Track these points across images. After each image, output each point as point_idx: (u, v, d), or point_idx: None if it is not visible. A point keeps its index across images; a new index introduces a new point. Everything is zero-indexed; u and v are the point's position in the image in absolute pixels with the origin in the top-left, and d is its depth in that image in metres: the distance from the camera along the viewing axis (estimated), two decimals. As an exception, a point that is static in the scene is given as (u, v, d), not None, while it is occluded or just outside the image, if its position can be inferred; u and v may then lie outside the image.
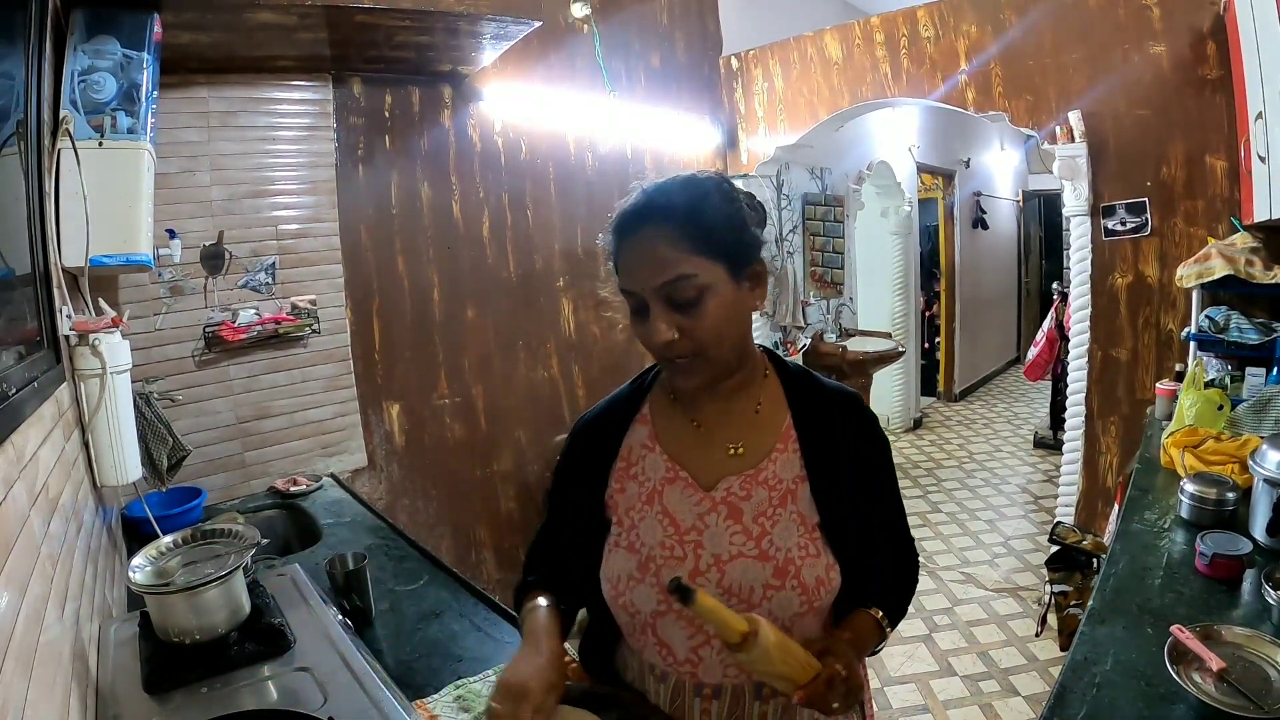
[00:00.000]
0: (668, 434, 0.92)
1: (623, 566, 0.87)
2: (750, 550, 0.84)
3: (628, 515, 0.89)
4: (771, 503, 0.86)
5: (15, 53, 1.08)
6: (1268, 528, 1.38)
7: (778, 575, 0.83)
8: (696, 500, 0.87)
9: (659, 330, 0.80)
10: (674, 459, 0.90)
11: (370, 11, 1.98)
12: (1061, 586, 2.23)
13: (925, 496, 4.35)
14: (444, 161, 2.79)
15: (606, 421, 0.95)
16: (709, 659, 0.85)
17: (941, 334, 6.42)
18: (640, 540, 0.87)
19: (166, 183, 2.06)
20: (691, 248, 0.80)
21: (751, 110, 3.82)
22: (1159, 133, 2.66)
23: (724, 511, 0.86)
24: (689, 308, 0.80)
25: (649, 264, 0.81)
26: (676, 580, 0.72)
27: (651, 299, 0.81)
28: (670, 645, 0.87)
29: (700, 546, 0.85)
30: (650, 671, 0.90)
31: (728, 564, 0.84)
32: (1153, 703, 0.98)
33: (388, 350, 2.67)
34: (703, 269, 0.80)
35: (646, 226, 0.82)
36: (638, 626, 0.88)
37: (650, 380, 0.97)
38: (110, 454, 1.47)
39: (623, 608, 0.88)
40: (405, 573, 1.68)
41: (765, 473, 0.88)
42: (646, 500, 0.89)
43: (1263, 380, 2.24)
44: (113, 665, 1.04)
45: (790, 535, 0.85)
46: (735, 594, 0.83)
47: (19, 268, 1.04)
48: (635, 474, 0.91)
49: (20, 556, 0.78)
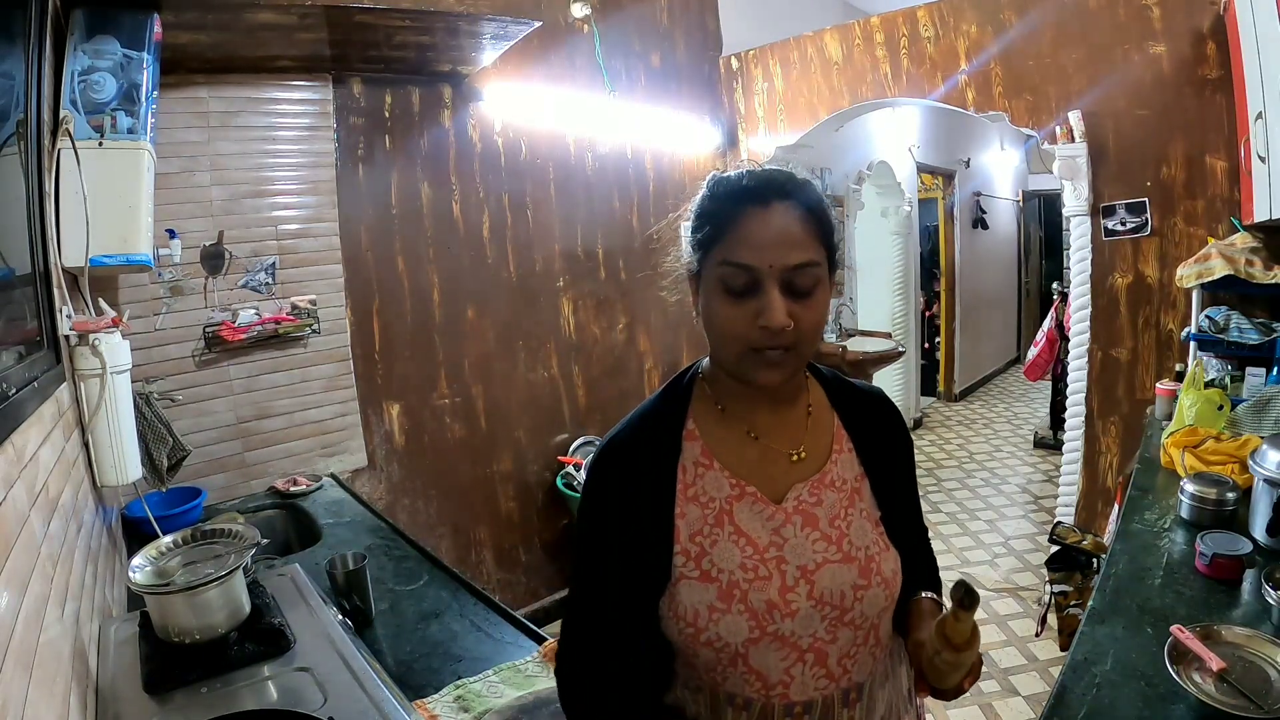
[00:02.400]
0: (723, 448, 0.84)
1: (700, 598, 0.78)
2: (834, 555, 0.81)
3: (693, 542, 0.80)
4: (842, 504, 0.84)
5: (15, 53, 1.08)
6: (1268, 528, 1.38)
7: (863, 575, 0.81)
8: (769, 515, 0.82)
9: (777, 314, 0.74)
10: (735, 474, 0.83)
11: (370, 11, 1.98)
12: (1061, 586, 2.23)
13: (925, 496, 4.35)
14: (444, 162, 2.79)
15: (644, 442, 0.84)
16: (801, 676, 0.80)
17: (941, 334, 6.42)
18: (716, 566, 0.79)
19: (166, 183, 2.06)
20: (819, 235, 0.78)
21: (751, 110, 3.82)
22: (1159, 133, 2.66)
23: (799, 521, 0.82)
24: (804, 296, 0.76)
25: (784, 241, 0.75)
26: (964, 584, 0.71)
27: (771, 279, 0.75)
28: (763, 672, 0.80)
29: (784, 561, 0.80)
30: (730, 703, 0.81)
31: (815, 573, 0.80)
32: (1153, 703, 0.98)
33: (388, 350, 2.67)
34: (823, 261, 0.78)
35: (785, 201, 0.77)
36: (725, 660, 0.79)
37: (685, 389, 0.88)
38: (110, 454, 1.47)
39: (706, 644, 0.78)
40: (405, 573, 1.68)
41: (830, 475, 0.85)
42: (715, 523, 0.81)
43: (1263, 380, 2.24)
44: (113, 665, 1.04)
45: (865, 533, 0.83)
46: (827, 601, 0.79)
47: (19, 268, 1.05)
48: (695, 495, 0.82)
49: (20, 556, 0.78)
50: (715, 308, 0.78)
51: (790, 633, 0.79)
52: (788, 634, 0.78)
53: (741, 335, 0.76)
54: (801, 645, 0.79)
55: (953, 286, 6.34)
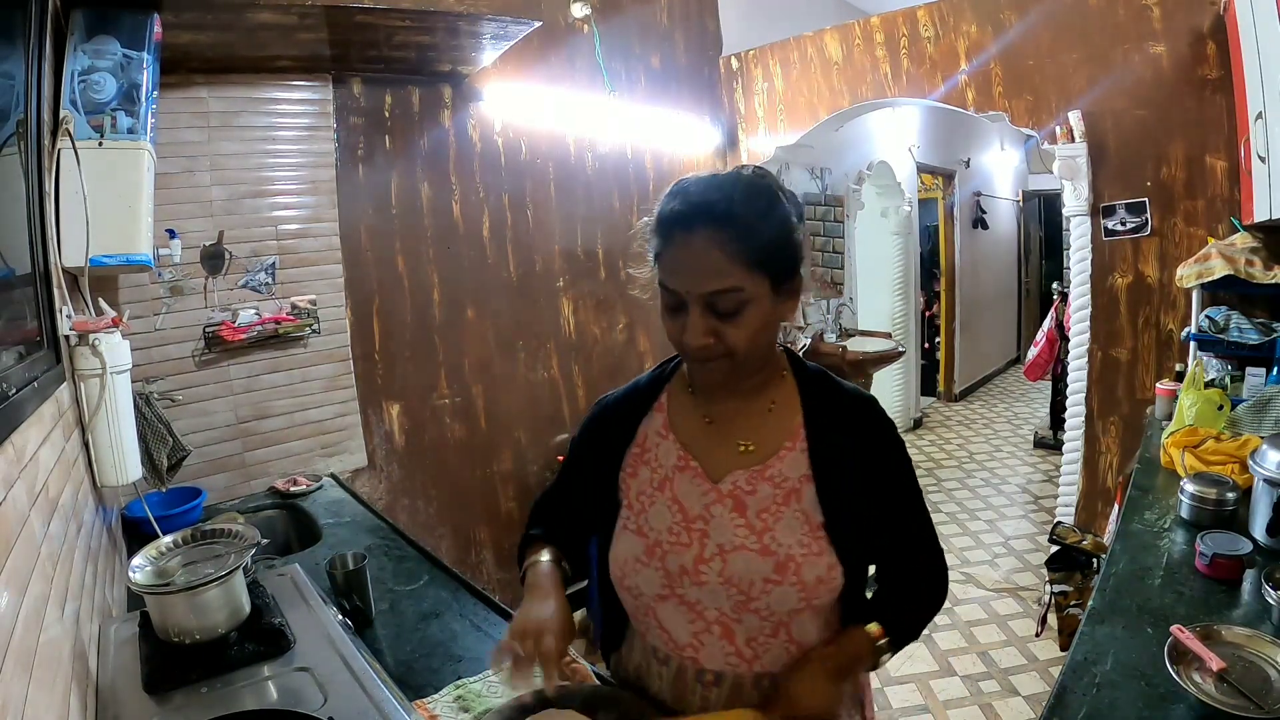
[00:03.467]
0: (682, 424, 0.94)
1: (630, 549, 0.90)
2: (752, 544, 0.85)
3: (638, 499, 0.92)
4: (776, 500, 0.87)
5: (15, 53, 1.08)
6: (1268, 528, 1.38)
7: (778, 570, 0.84)
8: (704, 490, 0.89)
9: (695, 335, 0.81)
10: (686, 448, 0.92)
11: (370, 11, 1.98)
12: (1061, 586, 2.23)
13: (925, 496, 4.34)
14: (444, 161, 2.78)
15: (626, 405, 0.98)
16: (710, 645, 0.88)
17: (941, 334, 6.42)
18: (649, 525, 0.90)
19: (166, 183, 2.06)
20: (745, 260, 0.79)
21: (751, 110, 3.81)
22: (1159, 133, 2.66)
23: (730, 504, 0.88)
24: (729, 317, 0.81)
25: (699, 270, 0.79)
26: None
27: (692, 302, 0.81)
28: (671, 630, 0.90)
29: (706, 535, 0.87)
30: (654, 655, 0.93)
31: (730, 554, 0.86)
32: (1153, 703, 0.98)
33: (388, 350, 2.67)
34: (750, 283, 0.80)
35: (703, 229, 0.79)
36: (641, 609, 0.92)
37: (670, 370, 0.99)
38: (110, 454, 1.47)
39: (628, 590, 0.91)
40: (405, 573, 1.68)
41: (771, 470, 0.89)
42: (658, 486, 0.91)
43: (1263, 380, 2.24)
44: (113, 665, 1.04)
45: (792, 533, 0.85)
46: (735, 584, 0.85)
47: (19, 268, 1.04)
48: (649, 459, 0.94)
49: (20, 556, 0.78)
50: (662, 318, 0.86)
51: (697, 600, 0.87)
52: (694, 601, 0.87)
53: (678, 344, 0.85)
54: (708, 616, 0.87)
55: (953, 286, 6.34)
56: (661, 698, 0.92)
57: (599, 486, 0.96)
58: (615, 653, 1.02)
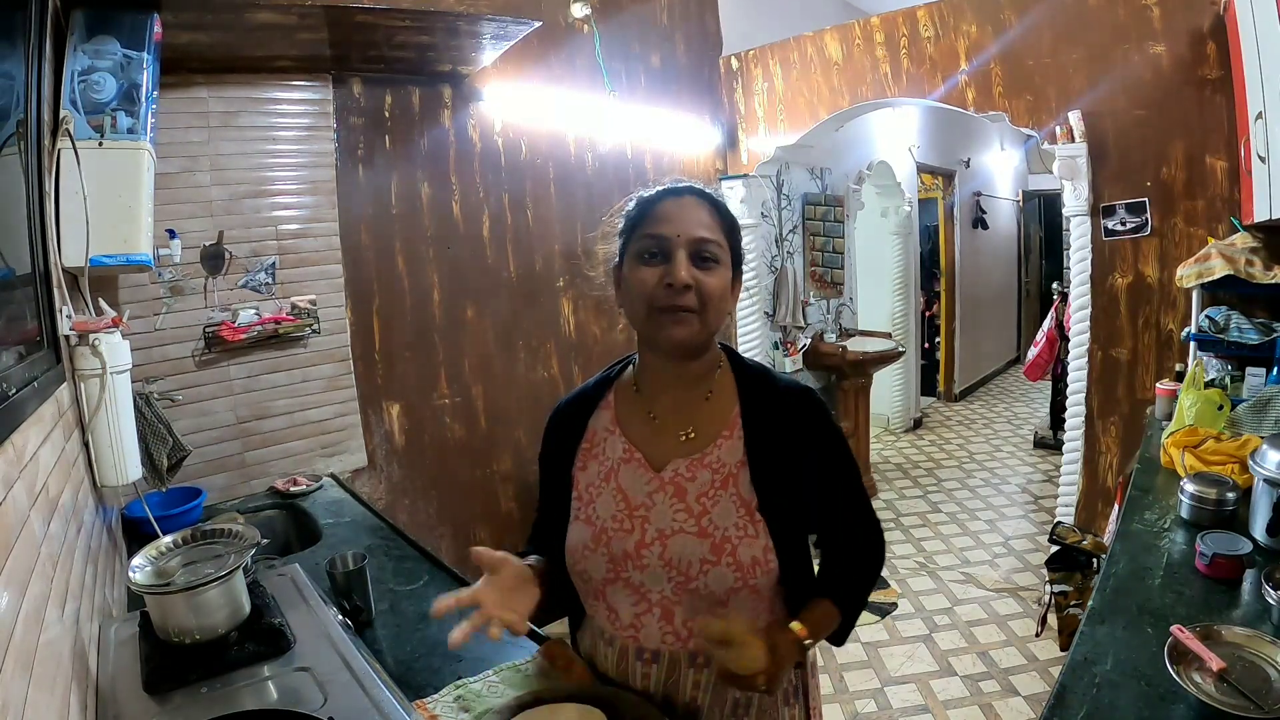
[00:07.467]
0: (629, 420, 1.00)
1: (580, 537, 0.96)
2: (690, 527, 0.92)
3: (587, 491, 0.98)
4: (714, 485, 0.93)
5: (15, 53, 1.08)
6: (1268, 528, 1.38)
7: (714, 551, 0.90)
8: (647, 479, 0.95)
9: (680, 270, 0.88)
10: (631, 441, 0.98)
11: (370, 11, 1.98)
12: (1061, 586, 2.23)
13: (925, 496, 4.35)
14: (444, 161, 2.78)
15: (577, 406, 1.05)
16: (649, 626, 0.94)
17: (941, 334, 6.42)
18: (596, 514, 0.96)
19: (166, 183, 2.06)
20: (721, 229, 0.94)
21: (751, 110, 3.81)
22: (1159, 133, 2.66)
23: (670, 491, 0.94)
24: (708, 265, 0.91)
25: (691, 220, 0.91)
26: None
27: (679, 246, 0.89)
28: (617, 611, 0.95)
29: (647, 521, 0.93)
30: (600, 636, 0.98)
31: (670, 538, 0.92)
32: (1153, 703, 0.98)
33: (388, 350, 2.67)
34: (722, 250, 0.93)
35: (694, 196, 0.94)
36: (590, 592, 0.98)
37: (617, 372, 1.06)
38: (110, 454, 1.46)
39: (579, 575, 0.97)
40: (405, 573, 1.68)
41: (710, 457, 0.95)
42: (604, 478, 0.98)
43: (1263, 380, 2.24)
44: (113, 665, 1.04)
45: (729, 516, 0.91)
46: (675, 566, 0.91)
47: (19, 268, 1.04)
48: (597, 454, 1.00)
49: (20, 556, 0.78)
50: (631, 276, 0.93)
51: (640, 583, 0.93)
52: (637, 583, 0.93)
53: (650, 294, 0.90)
54: (651, 598, 0.93)
55: (953, 286, 6.34)
56: (610, 677, 0.98)
57: (560, 486, 1.01)
58: (575, 636, 1.08)
